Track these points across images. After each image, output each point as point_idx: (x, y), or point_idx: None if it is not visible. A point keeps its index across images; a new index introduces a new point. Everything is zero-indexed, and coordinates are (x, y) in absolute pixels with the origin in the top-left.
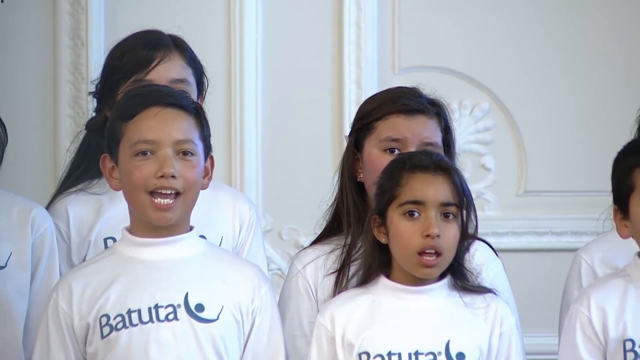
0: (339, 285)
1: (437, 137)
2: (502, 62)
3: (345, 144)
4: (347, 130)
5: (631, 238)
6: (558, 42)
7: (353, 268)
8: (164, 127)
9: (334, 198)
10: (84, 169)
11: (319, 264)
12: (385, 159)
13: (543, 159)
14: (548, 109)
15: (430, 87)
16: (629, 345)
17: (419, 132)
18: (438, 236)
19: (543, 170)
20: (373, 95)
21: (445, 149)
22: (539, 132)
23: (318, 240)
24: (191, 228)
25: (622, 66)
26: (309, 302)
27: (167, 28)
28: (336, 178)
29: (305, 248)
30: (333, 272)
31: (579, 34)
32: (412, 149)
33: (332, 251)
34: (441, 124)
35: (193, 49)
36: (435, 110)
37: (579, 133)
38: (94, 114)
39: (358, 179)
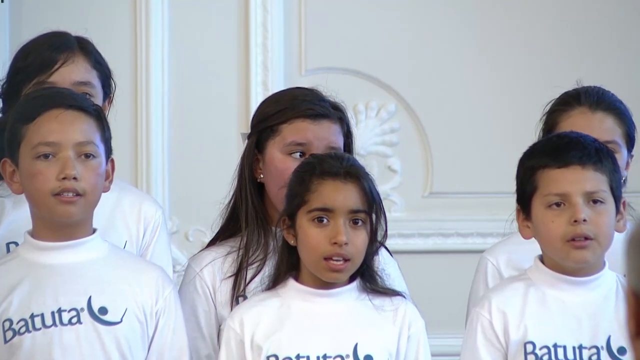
0: (237, 289)
1: (340, 142)
2: (408, 64)
3: (243, 142)
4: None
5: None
6: (463, 45)
7: (251, 271)
8: (65, 128)
9: (231, 197)
10: None
11: (216, 267)
12: (289, 163)
13: (449, 161)
14: (454, 111)
15: (330, 89)
16: (529, 347)
17: (324, 136)
18: (346, 244)
19: (449, 172)
20: (273, 97)
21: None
22: (444, 134)
23: (214, 241)
24: (94, 231)
25: (527, 68)
26: (207, 305)
27: (73, 29)
28: (235, 177)
29: (202, 250)
30: (231, 276)
31: (483, 37)
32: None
33: (228, 254)
34: (343, 128)
35: (98, 50)
36: (338, 114)
37: (484, 134)
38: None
39: (258, 180)
